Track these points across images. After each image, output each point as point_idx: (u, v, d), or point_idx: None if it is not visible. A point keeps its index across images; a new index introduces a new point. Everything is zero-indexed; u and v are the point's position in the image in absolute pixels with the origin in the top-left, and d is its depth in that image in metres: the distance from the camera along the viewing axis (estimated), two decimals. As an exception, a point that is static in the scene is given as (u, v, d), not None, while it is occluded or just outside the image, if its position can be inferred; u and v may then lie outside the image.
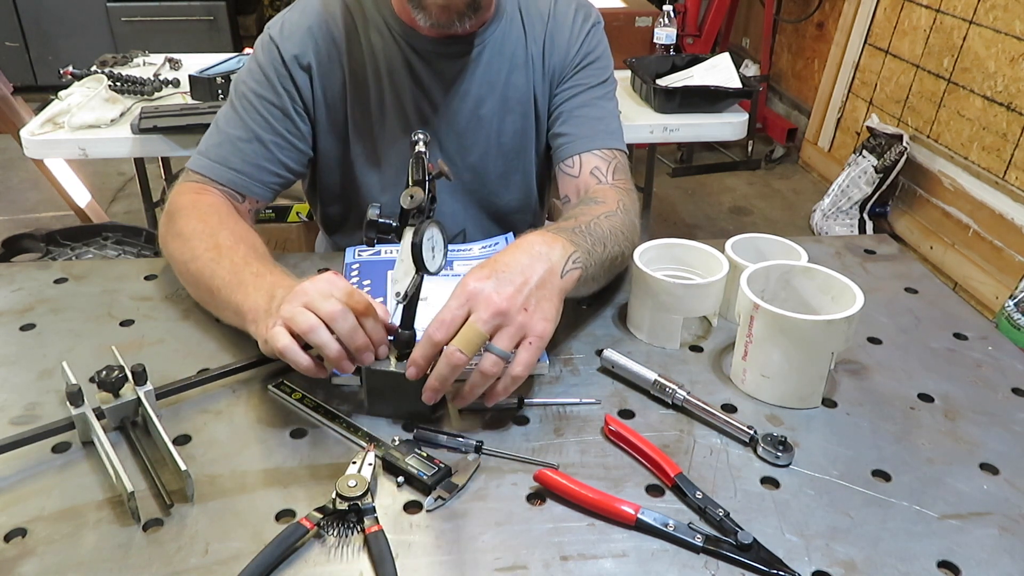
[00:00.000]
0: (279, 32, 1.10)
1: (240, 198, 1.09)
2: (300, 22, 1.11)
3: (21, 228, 2.11)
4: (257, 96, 1.09)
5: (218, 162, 1.08)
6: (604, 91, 1.19)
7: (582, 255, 0.88)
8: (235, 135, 1.09)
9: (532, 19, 1.17)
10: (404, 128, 1.15)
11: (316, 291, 0.77)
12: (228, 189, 1.08)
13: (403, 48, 1.12)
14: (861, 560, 0.68)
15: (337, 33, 1.11)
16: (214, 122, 1.12)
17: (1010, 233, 2.71)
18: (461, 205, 1.23)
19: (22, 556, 0.66)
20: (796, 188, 3.80)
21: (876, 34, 3.47)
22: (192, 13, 4.36)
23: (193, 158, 1.10)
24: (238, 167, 1.08)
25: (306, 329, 0.76)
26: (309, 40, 1.10)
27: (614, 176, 1.11)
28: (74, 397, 0.77)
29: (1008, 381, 0.92)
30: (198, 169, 1.08)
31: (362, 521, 0.69)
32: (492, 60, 1.15)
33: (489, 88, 1.16)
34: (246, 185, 1.09)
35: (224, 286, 0.89)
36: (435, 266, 0.78)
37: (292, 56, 1.09)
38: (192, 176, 1.08)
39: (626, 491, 0.75)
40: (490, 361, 0.77)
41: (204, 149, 1.10)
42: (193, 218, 0.99)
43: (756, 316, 0.84)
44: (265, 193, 1.11)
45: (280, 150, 1.11)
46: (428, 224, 0.77)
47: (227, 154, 1.08)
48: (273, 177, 1.11)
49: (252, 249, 0.94)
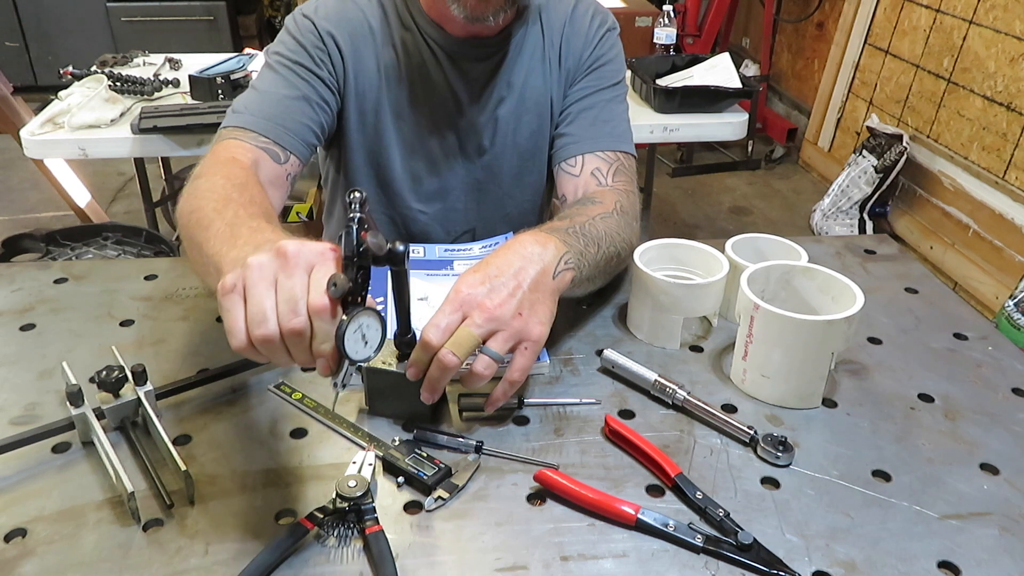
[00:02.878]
0: (314, 11, 1.10)
1: (282, 156, 1.02)
2: (337, 9, 1.11)
3: (21, 228, 2.11)
4: (294, 62, 1.08)
5: (262, 116, 1.02)
6: (614, 94, 1.19)
7: (574, 256, 0.88)
8: (279, 93, 1.05)
9: (552, 22, 1.18)
10: (431, 125, 1.16)
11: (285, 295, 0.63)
12: (272, 144, 1.01)
13: (431, 47, 1.13)
14: (861, 560, 0.68)
15: (374, 25, 1.12)
16: (250, 87, 1.08)
17: (1010, 233, 2.71)
18: (474, 203, 1.24)
19: (22, 556, 0.66)
20: (796, 188, 3.80)
21: (876, 34, 3.47)
22: (192, 13, 4.36)
23: (229, 116, 1.03)
24: (284, 123, 1.03)
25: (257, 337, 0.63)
26: (345, 27, 1.10)
27: (614, 178, 1.11)
28: (74, 397, 0.77)
29: (1008, 381, 0.92)
30: (239, 124, 1.01)
31: (362, 521, 0.69)
32: (513, 61, 1.16)
33: (509, 89, 1.17)
34: (291, 142, 1.03)
35: (215, 236, 0.77)
36: (363, 356, 0.69)
37: (327, 31, 1.09)
38: (231, 133, 1.00)
39: (626, 491, 0.75)
40: (483, 363, 0.78)
41: (242, 107, 1.04)
42: (219, 175, 0.90)
43: (756, 316, 0.84)
44: (305, 153, 1.07)
45: (321, 112, 1.09)
46: (358, 313, 0.67)
47: (272, 110, 1.03)
48: (313, 138, 1.08)
49: (263, 211, 0.83)
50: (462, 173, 1.21)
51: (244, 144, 1.00)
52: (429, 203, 1.22)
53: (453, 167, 1.20)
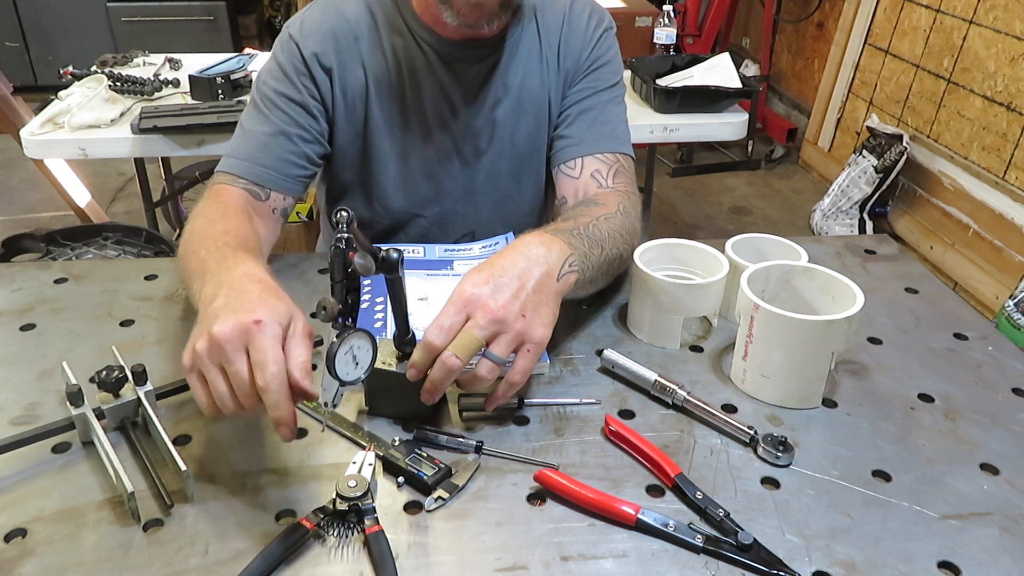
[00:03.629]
0: (299, 31, 1.10)
1: (262, 194, 1.07)
2: (321, 21, 1.11)
3: (21, 228, 2.11)
4: (278, 94, 1.09)
5: (243, 159, 1.07)
6: (612, 95, 1.19)
7: (579, 258, 0.88)
8: (259, 131, 1.08)
9: (548, 23, 1.17)
10: (425, 130, 1.16)
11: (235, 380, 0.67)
12: (250, 184, 1.06)
13: (424, 50, 1.12)
14: (861, 560, 0.68)
15: (359, 33, 1.11)
16: (239, 124, 1.12)
17: (1010, 233, 2.71)
18: (473, 207, 1.23)
19: (22, 556, 0.66)
20: (796, 188, 3.80)
21: (876, 34, 3.47)
22: (192, 13, 4.36)
23: (220, 161, 1.10)
24: (263, 161, 1.07)
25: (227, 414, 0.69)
26: (330, 40, 1.10)
27: (614, 179, 1.11)
28: (74, 397, 0.76)
29: (1008, 381, 0.92)
30: (223, 169, 1.07)
31: (362, 521, 0.69)
32: (509, 63, 1.15)
33: (505, 91, 1.16)
34: (270, 178, 1.07)
35: (191, 274, 0.85)
36: (353, 377, 0.71)
37: (312, 54, 1.09)
38: (217, 179, 1.07)
39: (626, 491, 0.75)
40: (486, 368, 0.78)
41: (230, 150, 1.09)
42: (201, 218, 0.97)
43: (756, 316, 0.84)
44: (292, 187, 1.10)
45: (304, 143, 1.10)
46: (349, 335, 0.70)
47: (252, 150, 1.07)
48: (299, 169, 1.11)
49: (235, 242, 0.88)
50: (459, 176, 1.20)
51: (228, 187, 1.05)
52: (426, 207, 1.22)
53: (450, 171, 1.20)
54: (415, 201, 1.21)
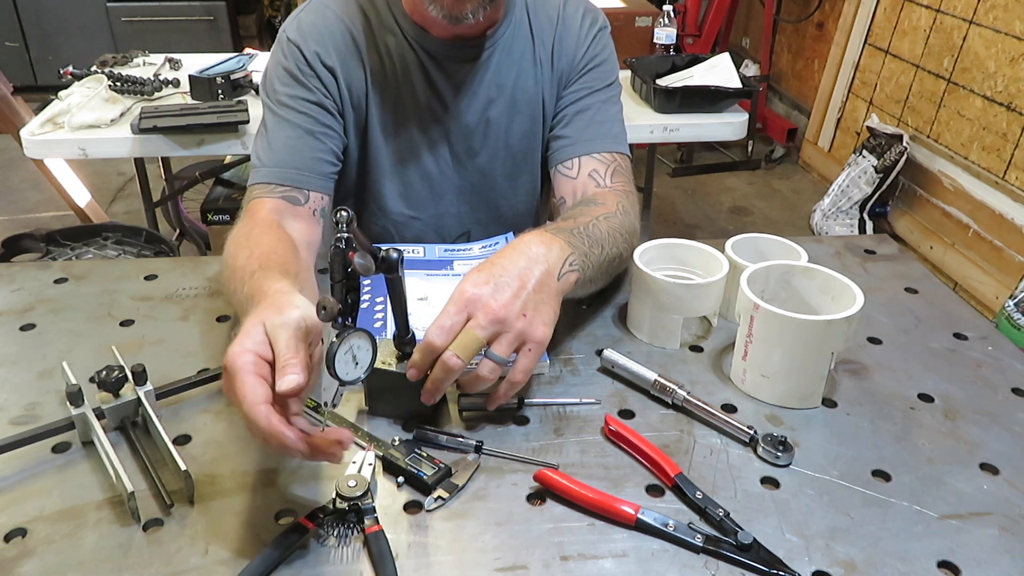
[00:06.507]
0: (297, 32, 1.10)
1: (301, 198, 1.06)
2: (317, 23, 1.10)
3: (21, 228, 2.11)
4: (292, 97, 1.08)
5: (276, 166, 1.06)
6: (608, 95, 1.19)
7: (579, 258, 0.88)
8: (285, 136, 1.08)
9: (541, 22, 1.17)
10: (419, 130, 1.16)
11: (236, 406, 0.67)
12: (288, 191, 1.05)
13: (415, 50, 1.12)
14: (861, 560, 0.68)
15: (356, 32, 1.11)
16: (258, 135, 1.11)
17: (1010, 233, 2.71)
18: (468, 207, 1.23)
19: (22, 556, 0.66)
20: (796, 188, 3.80)
21: (876, 34, 3.47)
22: (192, 13, 4.36)
23: (251, 175, 1.08)
24: (296, 164, 1.06)
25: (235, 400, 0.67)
26: (329, 40, 1.09)
27: (613, 179, 1.11)
28: (74, 397, 0.77)
29: (1008, 381, 0.92)
30: (257, 180, 1.06)
31: (362, 521, 0.69)
32: (502, 62, 1.15)
33: (498, 90, 1.16)
34: (306, 180, 1.07)
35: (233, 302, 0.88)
36: (353, 377, 0.72)
37: (314, 53, 1.09)
38: (252, 193, 1.05)
39: (626, 491, 0.75)
40: (488, 368, 0.78)
41: (259, 161, 1.08)
42: (231, 243, 0.96)
43: (756, 316, 0.84)
44: (326, 185, 1.09)
45: (329, 140, 1.10)
46: (349, 335, 0.70)
47: (282, 156, 1.07)
48: (330, 167, 1.10)
49: (255, 264, 0.87)
50: (454, 177, 1.20)
51: (264, 199, 1.04)
52: (422, 209, 1.21)
53: (444, 171, 1.19)
54: (412, 201, 1.20)
